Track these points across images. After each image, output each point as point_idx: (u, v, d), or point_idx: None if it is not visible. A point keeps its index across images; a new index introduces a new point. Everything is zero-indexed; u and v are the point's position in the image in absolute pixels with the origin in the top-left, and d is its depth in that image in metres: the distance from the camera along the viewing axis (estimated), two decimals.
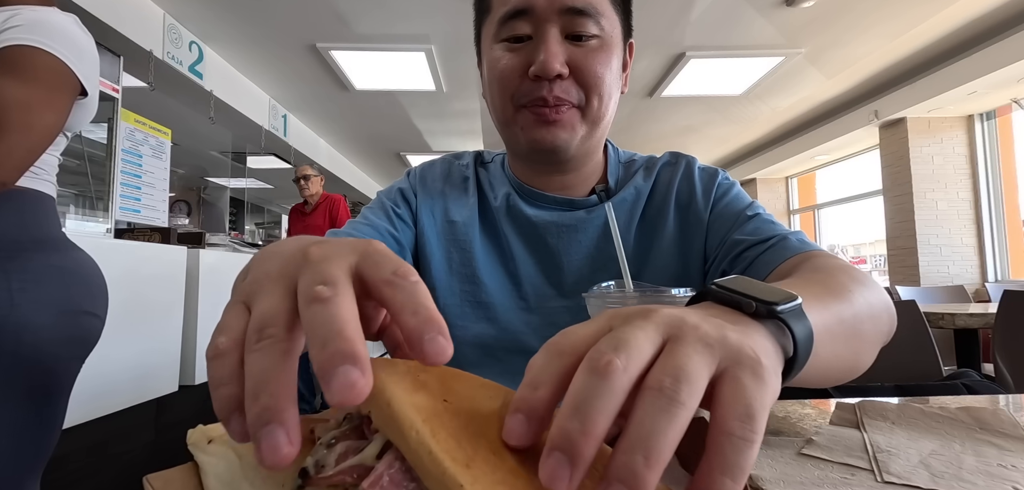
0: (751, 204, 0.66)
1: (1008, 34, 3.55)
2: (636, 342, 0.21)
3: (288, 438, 0.18)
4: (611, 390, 0.19)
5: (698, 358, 0.21)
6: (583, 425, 0.19)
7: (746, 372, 0.21)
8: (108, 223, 2.55)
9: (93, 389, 1.90)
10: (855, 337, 0.40)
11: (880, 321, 0.45)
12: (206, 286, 2.50)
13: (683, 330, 0.22)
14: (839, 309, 0.39)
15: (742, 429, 0.20)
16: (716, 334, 0.22)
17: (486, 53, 0.65)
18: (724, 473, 0.19)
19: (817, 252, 0.53)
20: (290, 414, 0.19)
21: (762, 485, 0.30)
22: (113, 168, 2.63)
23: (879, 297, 0.46)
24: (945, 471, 0.31)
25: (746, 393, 0.21)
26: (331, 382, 0.18)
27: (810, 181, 7.05)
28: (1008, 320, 1.71)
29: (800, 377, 0.31)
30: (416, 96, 4.62)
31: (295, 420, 0.19)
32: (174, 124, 3.19)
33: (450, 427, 0.19)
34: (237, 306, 0.23)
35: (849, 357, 0.39)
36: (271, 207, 9.83)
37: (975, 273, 4.58)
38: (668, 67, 4.06)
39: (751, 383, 0.21)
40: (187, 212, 6.92)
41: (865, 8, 3.19)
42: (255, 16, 3.27)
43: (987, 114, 4.53)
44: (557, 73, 0.57)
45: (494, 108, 0.65)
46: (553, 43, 0.58)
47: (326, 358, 0.18)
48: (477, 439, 0.19)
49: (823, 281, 0.44)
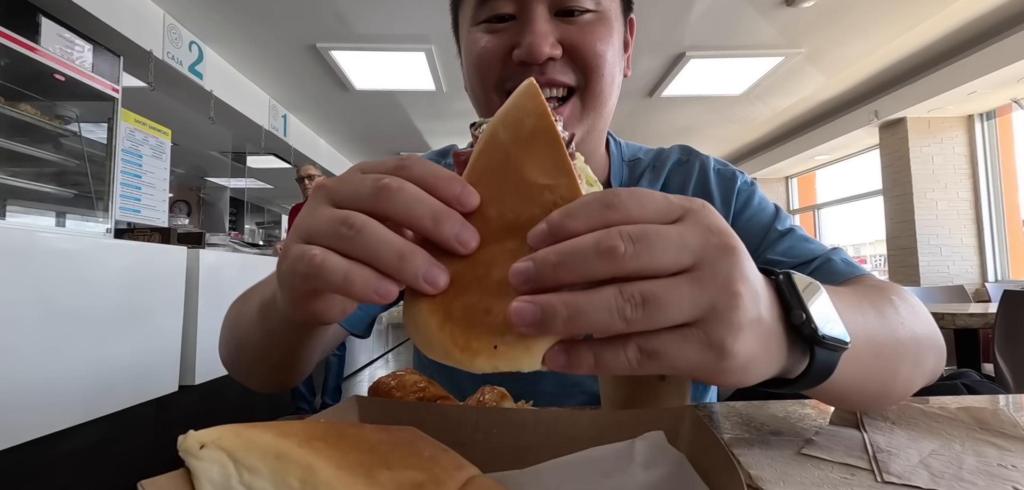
0: (779, 215, 0.61)
1: (1008, 34, 3.55)
2: (659, 253, 0.22)
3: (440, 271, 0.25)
4: (596, 269, 0.22)
5: (686, 309, 0.22)
6: (557, 263, 0.22)
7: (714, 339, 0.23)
8: (108, 223, 2.55)
9: (93, 389, 1.90)
10: (887, 371, 0.38)
11: (920, 352, 0.40)
12: (206, 286, 2.50)
13: (714, 285, 0.23)
14: (873, 331, 0.37)
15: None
16: (739, 316, 0.23)
17: (464, 39, 0.57)
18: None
19: (865, 276, 0.49)
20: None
21: (762, 485, 0.30)
22: (113, 168, 2.62)
23: (921, 326, 0.42)
24: (945, 471, 0.31)
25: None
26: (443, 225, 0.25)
27: (810, 181, 7.05)
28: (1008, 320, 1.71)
29: (819, 392, 0.32)
30: (416, 96, 4.61)
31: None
32: (174, 124, 3.18)
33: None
34: (321, 205, 0.27)
35: (874, 389, 0.38)
36: (271, 207, 9.83)
37: (975, 273, 4.58)
38: (668, 67, 4.06)
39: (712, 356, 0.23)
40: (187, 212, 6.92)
41: (865, 8, 3.19)
42: (255, 16, 3.27)
43: (987, 114, 4.53)
44: (547, 56, 0.49)
45: (476, 101, 0.58)
46: (540, 21, 0.49)
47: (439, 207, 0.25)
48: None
49: (872, 302, 0.40)
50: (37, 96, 2.35)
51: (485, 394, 0.41)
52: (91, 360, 1.89)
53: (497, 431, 0.34)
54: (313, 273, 0.25)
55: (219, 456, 0.22)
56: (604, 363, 0.23)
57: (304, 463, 0.21)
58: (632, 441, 0.32)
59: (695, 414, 0.32)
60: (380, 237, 0.24)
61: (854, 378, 0.34)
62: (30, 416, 1.66)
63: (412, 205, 0.25)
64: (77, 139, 2.54)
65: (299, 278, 0.26)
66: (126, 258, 2.08)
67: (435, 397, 0.43)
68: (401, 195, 0.25)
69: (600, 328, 0.22)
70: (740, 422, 0.42)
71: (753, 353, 0.25)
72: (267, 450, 0.22)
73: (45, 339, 1.71)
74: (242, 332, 0.49)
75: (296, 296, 0.30)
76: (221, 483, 0.21)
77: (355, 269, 0.24)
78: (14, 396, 1.61)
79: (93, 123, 2.61)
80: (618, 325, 0.22)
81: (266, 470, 0.21)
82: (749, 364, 0.25)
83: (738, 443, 0.37)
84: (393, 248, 0.24)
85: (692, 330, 0.23)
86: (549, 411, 0.35)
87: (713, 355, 0.23)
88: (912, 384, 0.41)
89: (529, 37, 0.49)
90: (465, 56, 0.57)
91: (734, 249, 0.24)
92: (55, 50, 2.31)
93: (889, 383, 0.38)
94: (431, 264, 0.24)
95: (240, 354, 0.51)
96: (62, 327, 1.78)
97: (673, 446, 0.31)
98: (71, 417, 1.81)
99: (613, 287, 0.22)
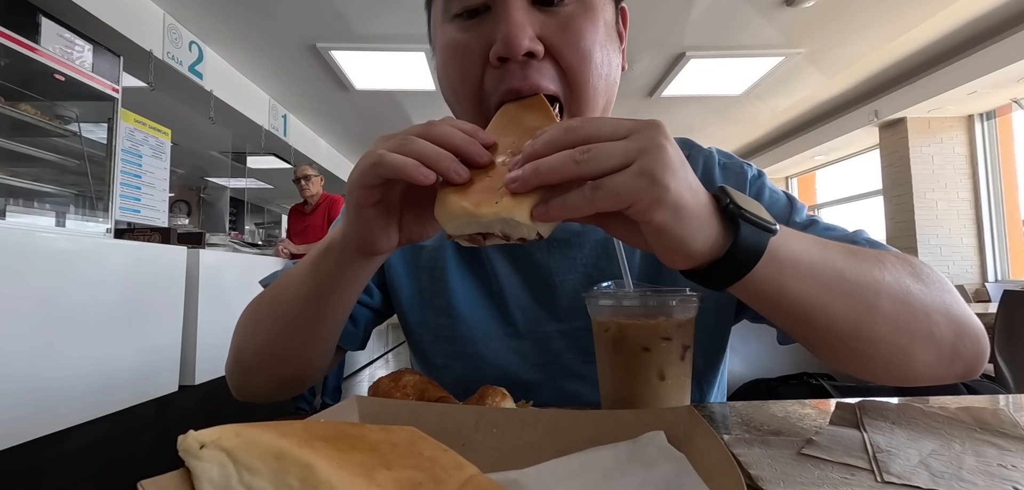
0: (794, 207, 0.56)
1: (1008, 34, 3.55)
2: (601, 126, 0.33)
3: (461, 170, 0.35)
4: (559, 140, 0.33)
5: (620, 153, 0.32)
6: (534, 144, 0.34)
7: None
8: (108, 223, 2.55)
9: (93, 389, 1.90)
10: (858, 301, 0.39)
11: (913, 310, 0.40)
12: (206, 286, 2.50)
13: (643, 139, 0.32)
14: (845, 266, 0.40)
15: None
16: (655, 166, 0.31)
17: (437, 39, 0.52)
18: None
19: (888, 251, 0.46)
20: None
21: (762, 485, 0.30)
22: (113, 168, 2.62)
23: (934, 295, 0.42)
24: (945, 471, 0.31)
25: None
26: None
27: (810, 181, 7.05)
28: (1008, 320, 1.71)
29: (780, 304, 0.39)
30: (416, 96, 4.61)
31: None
32: (174, 124, 3.18)
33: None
34: (380, 141, 0.37)
35: (845, 315, 0.39)
36: (271, 207, 9.83)
37: (975, 273, 4.58)
38: (668, 67, 4.06)
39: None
40: (187, 212, 6.92)
41: (865, 8, 3.19)
42: (255, 16, 3.27)
43: (987, 114, 4.53)
44: (526, 49, 0.44)
45: (458, 108, 0.52)
46: (516, 10, 0.45)
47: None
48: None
49: (854, 250, 0.42)
50: (37, 96, 2.35)
51: (485, 394, 0.41)
52: (91, 360, 1.89)
53: (497, 431, 0.34)
54: (379, 161, 0.35)
55: (219, 456, 0.22)
56: (569, 203, 0.32)
57: (304, 463, 0.21)
58: (632, 441, 0.32)
59: (695, 414, 0.32)
60: (425, 143, 0.36)
61: (814, 292, 0.38)
62: (30, 416, 1.66)
63: (447, 132, 0.36)
64: (77, 139, 2.54)
65: (368, 169, 0.36)
66: (126, 258, 2.08)
67: (435, 397, 0.43)
68: (441, 127, 0.37)
69: (558, 170, 0.32)
70: (740, 422, 0.42)
71: (681, 194, 0.32)
72: (267, 450, 0.22)
73: (45, 339, 1.71)
74: (288, 300, 0.51)
75: (362, 197, 0.38)
76: (221, 483, 0.21)
77: (408, 159, 0.35)
78: (14, 396, 1.61)
79: (93, 123, 2.61)
80: (571, 168, 0.31)
81: (266, 470, 0.21)
82: (681, 207, 0.32)
83: (738, 443, 0.37)
84: (433, 150, 0.35)
85: (629, 168, 0.31)
86: (549, 411, 0.35)
87: (646, 182, 0.31)
88: (908, 336, 0.40)
89: (505, 28, 0.44)
90: (438, 57, 0.52)
91: (659, 124, 0.33)
92: (55, 50, 2.31)
93: (865, 316, 0.39)
94: (457, 162, 0.35)
95: (279, 326, 0.52)
96: (62, 327, 1.78)
97: (673, 446, 0.31)
98: (71, 417, 1.81)
99: (569, 150, 0.32)
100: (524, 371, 0.58)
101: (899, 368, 0.42)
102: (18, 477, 1.62)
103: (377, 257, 0.44)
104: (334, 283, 0.47)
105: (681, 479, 0.28)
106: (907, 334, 0.41)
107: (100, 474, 1.93)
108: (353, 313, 0.60)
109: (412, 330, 0.63)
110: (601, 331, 0.45)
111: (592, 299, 0.46)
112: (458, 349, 0.60)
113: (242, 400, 0.57)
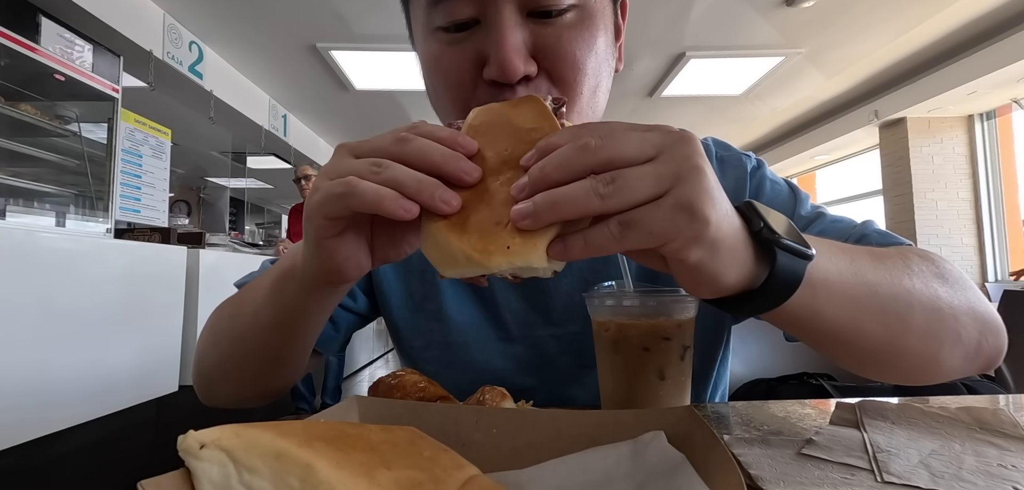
0: (797, 197, 0.55)
1: (1008, 34, 3.55)
2: (623, 144, 0.28)
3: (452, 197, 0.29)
4: (574, 161, 0.27)
5: (652, 182, 0.27)
6: (544, 167, 0.28)
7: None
8: (108, 223, 2.55)
9: (93, 389, 1.90)
10: (891, 315, 0.37)
11: (943, 316, 0.39)
12: (206, 286, 2.50)
13: (675, 162, 0.27)
14: (876, 278, 0.37)
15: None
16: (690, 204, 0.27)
17: (420, 46, 0.49)
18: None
19: (903, 246, 0.46)
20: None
21: (762, 485, 0.30)
22: (113, 168, 2.62)
23: (960, 296, 0.41)
24: (945, 471, 0.31)
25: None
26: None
27: (810, 181, 7.05)
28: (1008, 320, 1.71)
29: (812, 327, 0.36)
30: (416, 96, 4.61)
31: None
32: (174, 124, 3.18)
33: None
34: (346, 157, 0.32)
35: (878, 333, 0.37)
36: (271, 207, 9.83)
37: (975, 273, 4.58)
38: (668, 67, 4.06)
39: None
40: (187, 212, 6.92)
41: (865, 8, 3.19)
42: (255, 16, 3.27)
43: (987, 114, 4.53)
44: (522, 75, 0.41)
45: (444, 117, 0.49)
46: (509, 28, 0.40)
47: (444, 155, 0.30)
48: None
49: (880, 255, 0.40)
50: (37, 96, 2.35)
51: (485, 394, 0.41)
52: (91, 360, 1.89)
53: (497, 431, 0.34)
54: (348, 191, 0.29)
55: (219, 456, 0.22)
56: (592, 242, 0.27)
57: (304, 463, 0.21)
58: (632, 441, 0.32)
59: (695, 414, 0.32)
60: (402, 169, 0.30)
61: (848, 312, 0.36)
62: (30, 416, 1.66)
63: (425, 148, 0.30)
64: (77, 139, 2.54)
65: (334, 199, 0.30)
66: (126, 258, 2.08)
67: (435, 397, 0.43)
68: (416, 143, 0.31)
69: (580, 205, 0.26)
70: (740, 422, 0.42)
71: (721, 226, 0.28)
72: (267, 450, 0.22)
73: (45, 339, 1.71)
74: (244, 322, 0.48)
75: (324, 228, 0.32)
76: (221, 483, 0.21)
77: (384, 189, 0.29)
78: (14, 396, 1.61)
79: (93, 123, 2.61)
80: (595, 203, 0.26)
81: (266, 470, 0.21)
82: (719, 240, 0.28)
83: (738, 443, 0.37)
84: (412, 176, 0.29)
85: (663, 199, 0.27)
86: (549, 411, 0.35)
87: (685, 217, 0.27)
88: (937, 342, 0.39)
89: (498, 52, 0.40)
90: (424, 67, 0.48)
91: (692, 139, 0.29)
92: (55, 50, 2.31)
93: (897, 332, 0.38)
94: (444, 188, 0.29)
95: (237, 347, 0.49)
96: (62, 327, 1.78)
97: (673, 446, 0.31)
98: (71, 417, 1.81)
99: (590, 177, 0.27)
100: (518, 376, 0.57)
101: (927, 373, 0.41)
102: (18, 477, 1.62)
103: (344, 285, 0.39)
104: (295, 314, 0.42)
105: (681, 479, 0.28)
106: (936, 341, 0.40)
107: (100, 474, 1.93)
108: (333, 316, 0.57)
109: (402, 335, 0.61)
110: (601, 331, 0.45)
111: (592, 299, 0.46)
112: (450, 355, 0.58)
113: (210, 407, 0.54)
